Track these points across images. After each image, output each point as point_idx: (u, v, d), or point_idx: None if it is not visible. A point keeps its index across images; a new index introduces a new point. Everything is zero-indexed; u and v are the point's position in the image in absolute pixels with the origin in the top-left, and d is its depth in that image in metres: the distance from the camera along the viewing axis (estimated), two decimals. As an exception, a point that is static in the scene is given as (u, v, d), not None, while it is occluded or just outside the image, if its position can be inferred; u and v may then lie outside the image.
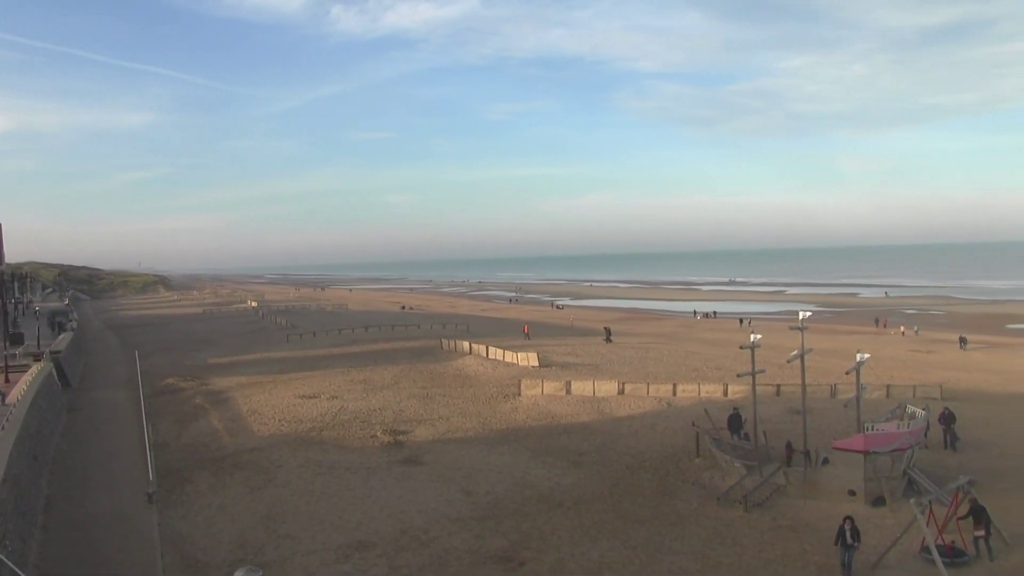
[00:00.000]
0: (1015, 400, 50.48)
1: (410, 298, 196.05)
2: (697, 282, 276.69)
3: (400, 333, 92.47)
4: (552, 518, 29.43)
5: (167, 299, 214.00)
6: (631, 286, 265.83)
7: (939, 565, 22.94)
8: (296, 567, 25.17)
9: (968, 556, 24.46)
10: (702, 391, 51.85)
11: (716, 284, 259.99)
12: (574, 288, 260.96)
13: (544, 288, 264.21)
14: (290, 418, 47.62)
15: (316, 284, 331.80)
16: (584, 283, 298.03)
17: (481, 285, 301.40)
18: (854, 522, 23.30)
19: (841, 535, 23.48)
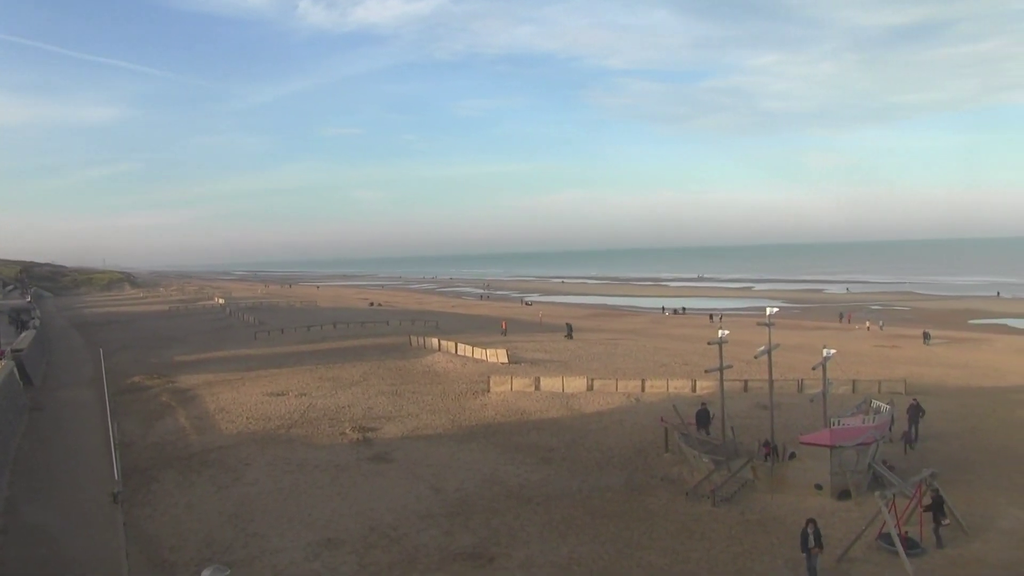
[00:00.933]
0: (976, 394, 51.29)
1: (379, 295, 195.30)
2: (666, 278, 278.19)
3: (369, 330, 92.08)
4: (521, 514, 29.46)
5: (133, 296, 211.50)
6: (600, 282, 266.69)
7: (902, 557, 23.31)
8: (265, 565, 25.00)
9: (921, 547, 24.81)
10: (670, 387, 52.10)
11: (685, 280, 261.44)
12: (544, 284, 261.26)
13: (514, 284, 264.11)
14: (258, 416, 47.26)
15: (285, 281, 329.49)
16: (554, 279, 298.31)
17: (451, 282, 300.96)
18: (816, 525, 23.01)
19: (804, 539, 23.15)
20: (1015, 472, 33.16)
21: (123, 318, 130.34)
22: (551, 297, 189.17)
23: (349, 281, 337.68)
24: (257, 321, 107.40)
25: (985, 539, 25.74)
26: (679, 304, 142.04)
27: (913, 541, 24.98)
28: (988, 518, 27.46)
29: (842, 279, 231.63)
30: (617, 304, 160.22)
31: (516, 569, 24.47)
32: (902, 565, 23.20)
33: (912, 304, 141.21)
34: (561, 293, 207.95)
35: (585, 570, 24.39)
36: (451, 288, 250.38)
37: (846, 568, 23.80)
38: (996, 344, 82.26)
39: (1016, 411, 45.59)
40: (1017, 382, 56.07)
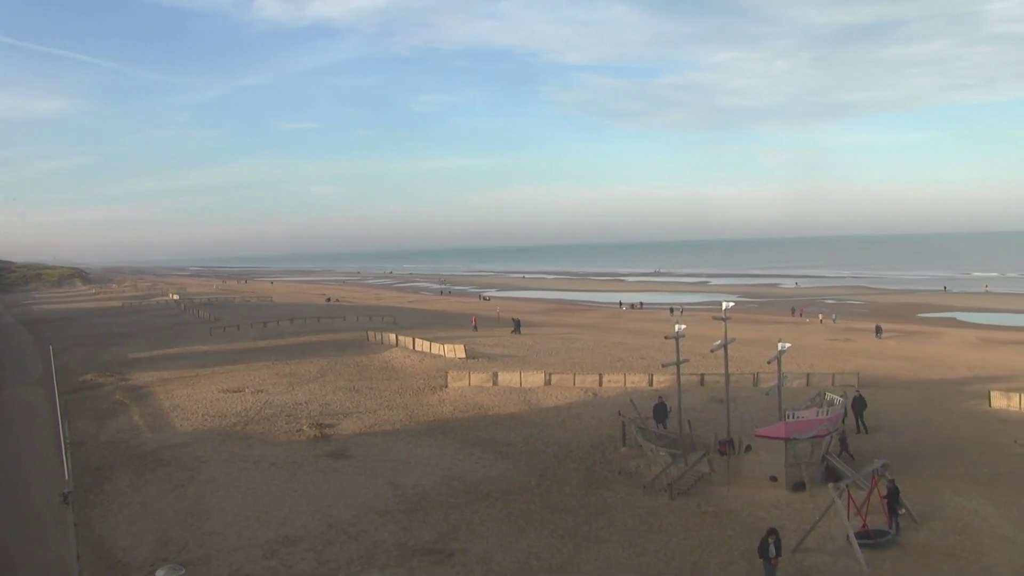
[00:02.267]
0: (926, 386, 52.39)
1: (336, 290, 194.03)
2: (623, 273, 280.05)
3: (326, 326, 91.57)
4: (480, 509, 29.52)
5: (84, 292, 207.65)
6: (558, 277, 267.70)
7: (855, 547, 23.75)
8: (221, 564, 24.78)
9: (890, 535, 25.32)
10: (628, 381, 52.50)
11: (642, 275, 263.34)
12: (501, 279, 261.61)
13: (471, 280, 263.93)
14: (214, 413, 46.79)
15: (240, 276, 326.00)
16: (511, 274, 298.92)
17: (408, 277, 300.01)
18: (778, 535, 22.90)
19: (764, 548, 22.84)
20: (961, 462, 33.98)
21: (74, 315, 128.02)
22: (509, 292, 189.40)
23: (306, 276, 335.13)
24: (212, 317, 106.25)
25: (932, 527, 26.32)
26: (636, 299, 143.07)
27: (882, 531, 25.43)
28: (935, 507, 28.08)
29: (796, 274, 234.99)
30: (574, 299, 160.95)
31: (475, 564, 24.53)
32: (855, 555, 23.65)
33: (864, 298, 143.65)
34: (519, 288, 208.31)
35: (544, 564, 24.52)
36: (409, 283, 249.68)
37: (801, 558, 24.18)
38: (945, 337, 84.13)
39: (963, 402, 46.66)
40: (964, 374, 57.40)
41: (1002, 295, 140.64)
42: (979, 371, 58.54)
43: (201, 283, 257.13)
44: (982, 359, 65.88)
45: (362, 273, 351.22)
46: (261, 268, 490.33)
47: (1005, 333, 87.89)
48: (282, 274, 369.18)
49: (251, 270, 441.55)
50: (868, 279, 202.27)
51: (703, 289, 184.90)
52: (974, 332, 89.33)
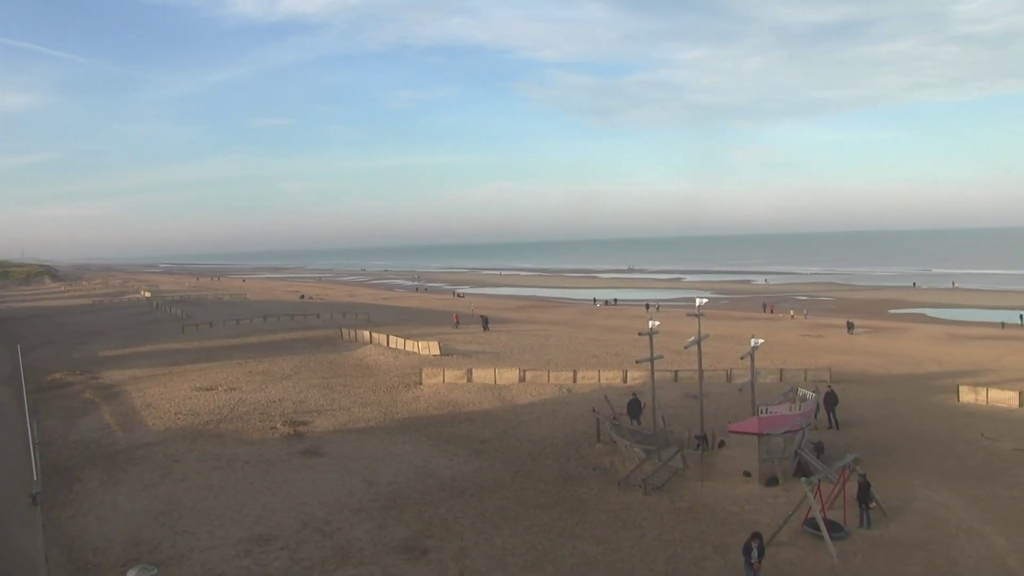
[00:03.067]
0: (896, 381, 52.99)
1: (310, 287, 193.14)
2: (597, 270, 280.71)
3: (299, 323, 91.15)
4: (455, 506, 29.53)
5: (53, 290, 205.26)
6: (532, 274, 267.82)
7: (827, 540, 24.04)
8: (194, 564, 24.61)
9: (845, 530, 25.60)
10: (602, 377, 52.68)
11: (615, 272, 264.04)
12: (475, 276, 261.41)
13: (445, 276, 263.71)
14: (186, 411, 46.44)
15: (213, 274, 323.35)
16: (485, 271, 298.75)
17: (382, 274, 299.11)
18: (762, 540, 22.78)
19: (747, 552, 22.60)
20: (929, 456, 34.42)
21: (43, 313, 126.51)
22: (483, 289, 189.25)
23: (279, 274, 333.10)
24: (185, 315, 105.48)
25: (902, 520, 26.66)
26: (610, 295, 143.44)
27: (837, 524, 25.74)
28: (905, 500, 28.45)
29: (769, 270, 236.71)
30: (549, 295, 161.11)
31: (449, 561, 24.53)
32: (827, 548, 23.92)
33: (836, 294, 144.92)
34: (493, 285, 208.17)
35: (519, 560, 24.57)
36: (382, 280, 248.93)
37: (773, 552, 24.37)
38: (914, 333, 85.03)
39: (931, 397, 47.23)
40: (933, 369, 58.09)
41: (969, 291, 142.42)
42: (947, 366, 59.27)
43: (173, 280, 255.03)
44: (950, 354, 66.67)
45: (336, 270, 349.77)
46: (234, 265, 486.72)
47: (972, 328, 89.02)
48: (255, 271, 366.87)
49: (224, 267, 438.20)
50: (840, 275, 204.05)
51: (676, 286, 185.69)
52: (943, 328, 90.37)
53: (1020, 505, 28.13)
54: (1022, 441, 36.48)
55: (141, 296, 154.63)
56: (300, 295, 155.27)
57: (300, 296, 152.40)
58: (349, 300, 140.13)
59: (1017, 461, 33.60)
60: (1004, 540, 24.85)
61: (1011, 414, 42.58)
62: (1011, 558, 23.61)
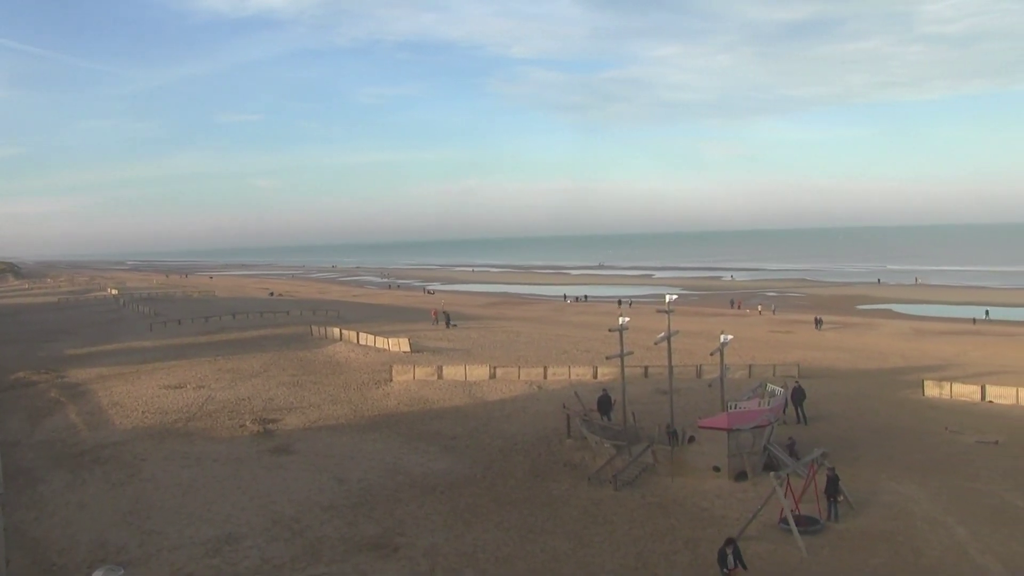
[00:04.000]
0: (863, 376, 53.62)
1: (280, 284, 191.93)
2: (567, 266, 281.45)
3: (269, 320, 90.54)
4: (425, 503, 29.52)
5: (17, 288, 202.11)
6: (502, 270, 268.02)
7: (795, 534, 24.30)
8: (162, 563, 24.42)
9: (820, 524, 25.91)
10: (572, 374, 52.83)
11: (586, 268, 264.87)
12: (445, 273, 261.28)
13: (416, 273, 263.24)
14: (154, 409, 46.02)
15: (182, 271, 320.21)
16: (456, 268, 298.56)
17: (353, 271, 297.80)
18: (736, 545, 22.45)
19: (722, 558, 22.22)
20: (896, 449, 34.90)
21: (6, 310, 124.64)
22: (454, 285, 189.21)
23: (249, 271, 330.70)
24: (153, 312, 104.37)
25: (868, 513, 27.03)
26: (580, 292, 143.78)
27: (813, 518, 26.02)
28: (872, 493, 28.84)
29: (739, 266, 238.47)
30: (519, 292, 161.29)
31: (421, 558, 24.53)
32: (795, 542, 24.18)
33: (805, 291, 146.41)
34: (463, 281, 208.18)
35: (490, 556, 24.62)
36: (354, 277, 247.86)
37: (743, 547, 24.52)
38: (881, 328, 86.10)
39: (898, 392, 47.87)
40: (899, 364, 58.84)
41: (933, 287, 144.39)
42: (913, 361, 60.05)
43: (141, 277, 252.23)
44: (916, 349, 67.59)
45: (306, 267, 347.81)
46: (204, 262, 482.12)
47: (937, 324, 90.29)
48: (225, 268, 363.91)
49: (193, 264, 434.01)
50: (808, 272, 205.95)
51: (646, 282, 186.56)
52: (909, 323, 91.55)
53: (981, 496, 28.66)
54: (984, 434, 37.10)
55: (108, 294, 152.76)
56: (270, 292, 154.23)
57: (270, 293, 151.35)
58: (320, 297, 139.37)
59: (979, 453, 34.21)
60: (965, 530, 25.29)
61: (974, 407, 43.29)
62: (971, 547, 24.05)
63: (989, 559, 23.22)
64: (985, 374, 51.98)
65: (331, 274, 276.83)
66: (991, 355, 63.75)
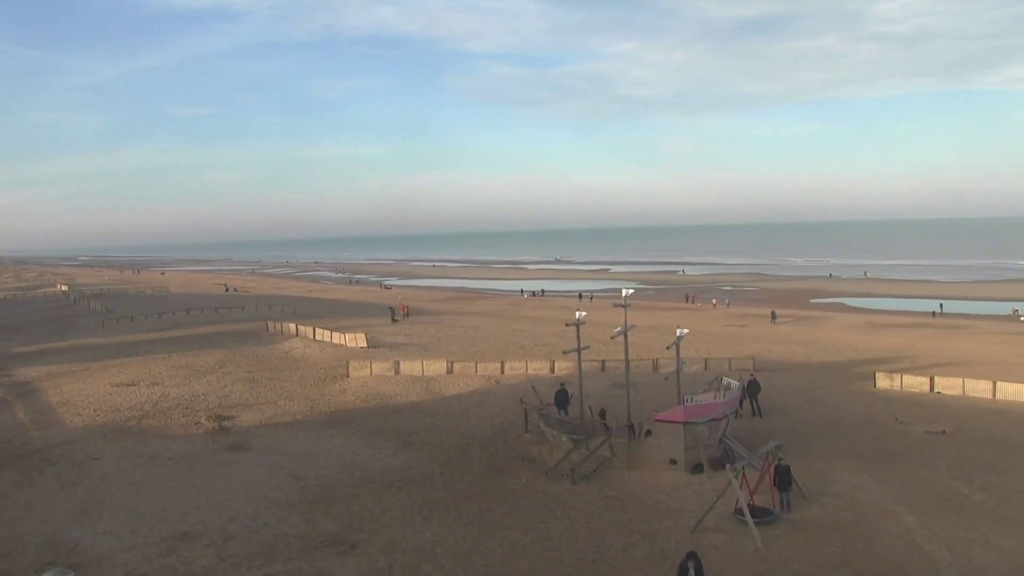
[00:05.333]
0: (817, 369, 54.49)
1: (235, 280, 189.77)
2: (524, 261, 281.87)
3: (224, 316, 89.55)
4: (383, 499, 29.44)
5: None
6: (460, 265, 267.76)
7: (751, 525, 24.64)
8: (115, 564, 24.04)
9: (774, 515, 26.29)
10: (530, 368, 52.99)
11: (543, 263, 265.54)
12: (403, 268, 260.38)
13: (373, 268, 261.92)
14: (107, 407, 45.29)
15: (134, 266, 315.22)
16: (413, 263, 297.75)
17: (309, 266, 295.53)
18: (698, 558, 21.33)
19: (683, 571, 21.03)
20: (848, 440, 35.54)
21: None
22: (411, 281, 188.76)
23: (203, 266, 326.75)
24: (104, 309, 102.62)
25: (821, 503, 27.48)
26: (537, 286, 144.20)
27: (767, 510, 26.39)
28: (824, 483, 29.31)
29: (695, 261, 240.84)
30: (476, 287, 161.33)
31: (379, 554, 24.46)
32: (750, 533, 24.52)
33: (759, 285, 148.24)
34: (421, 276, 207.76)
35: (448, 552, 24.62)
36: (309, 272, 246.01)
37: (699, 538, 24.89)
38: (834, 322, 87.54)
39: (850, 384, 48.72)
40: (852, 356, 59.87)
41: (883, 281, 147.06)
42: (865, 354, 61.15)
43: (92, 273, 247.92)
44: (868, 342, 68.82)
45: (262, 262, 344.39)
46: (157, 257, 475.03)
47: (888, 317, 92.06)
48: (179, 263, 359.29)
49: (146, 260, 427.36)
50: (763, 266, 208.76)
51: (603, 276, 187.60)
52: (861, 317, 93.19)
53: (929, 485, 29.35)
54: (932, 424, 37.93)
55: (58, 290, 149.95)
56: (225, 287, 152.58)
57: (225, 288, 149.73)
58: (275, 292, 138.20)
59: (927, 443, 34.97)
60: (914, 518, 25.86)
61: (923, 398, 44.24)
62: (919, 535, 24.61)
63: (936, 545, 23.77)
64: (933, 366, 53.21)
65: (286, 269, 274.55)
66: (939, 347, 65.15)
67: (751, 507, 25.62)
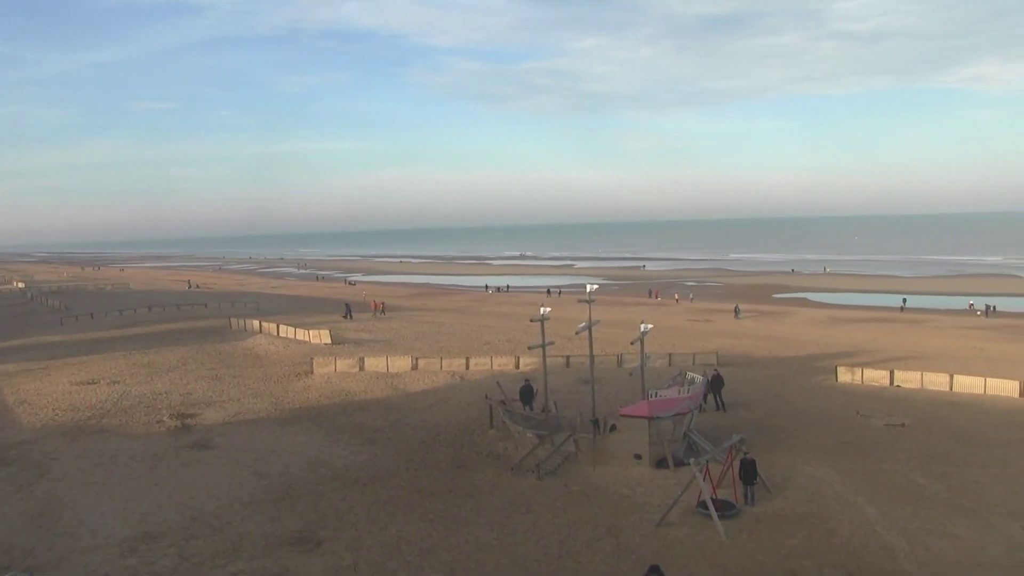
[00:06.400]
0: (780, 363, 55.03)
1: (198, 276, 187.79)
2: (489, 257, 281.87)
3: (187, 313, 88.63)
4: (348, 496, 29.31)
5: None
6: (424, 261, 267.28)
7: (715, 518, 24.86)
8: (74, 566, 23.67)
9: (737, 508, 26.55)
10: (495, 364, 53.03)
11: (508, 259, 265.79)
12: (367, 264, 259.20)
13: (337, 264, 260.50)
14: (66, 406, 44.61)
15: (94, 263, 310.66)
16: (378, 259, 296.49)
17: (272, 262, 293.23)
18: (661, 571, 20.34)
19: None
20: (810, 433, 35.98)
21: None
22: (376, 276, 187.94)
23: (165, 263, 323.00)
24: (63, 306, 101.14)
25: (785, 496, 27.79)
26: (502, 282, 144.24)
27: (729, 503, 26.63)
28: (787, 476, 29.65)
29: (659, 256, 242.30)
30: (441, 283, 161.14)
31: (344, 551, 24.35)
32: (715, 527, 24.74)
33: (723, 280, 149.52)
34: (385, 272, 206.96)
35: (414, 548, 24.56)
36: (273, 269, 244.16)
37: (664, 532, 25.06)
38: (796, 316, 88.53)
39: (813, 378, 49.28)
40: (814, 351, 60.55)
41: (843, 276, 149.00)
42: (827, 348, 61.90)
43: (50, 270, 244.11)
44: (829, 336, 69.67)
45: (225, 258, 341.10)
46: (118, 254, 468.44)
47: (849, 312, 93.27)
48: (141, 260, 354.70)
49: (106, 256, 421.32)
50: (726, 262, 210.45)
51: (568, 272, 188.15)
52: (823, 311, 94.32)
53: (889, 477, 29.80)
54: (893, 417, 38.54)
55: (14, 287, 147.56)
56: (188, 284, 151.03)
57: (188, 285, 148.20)
58: (238, 289, 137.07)
59: (887, 436, 35.56)
60: (874, 510, 26.26)
61: (883, 392, 44.90)
62: (879, 525, 24.97)
63: (895, 536, 24.15)
64: (894, 360, 54.00)
65: (250, 266, 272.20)
66: (899, 342, 66.16)
67: (714, 501, 25.86)
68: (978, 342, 66.03)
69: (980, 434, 35.74)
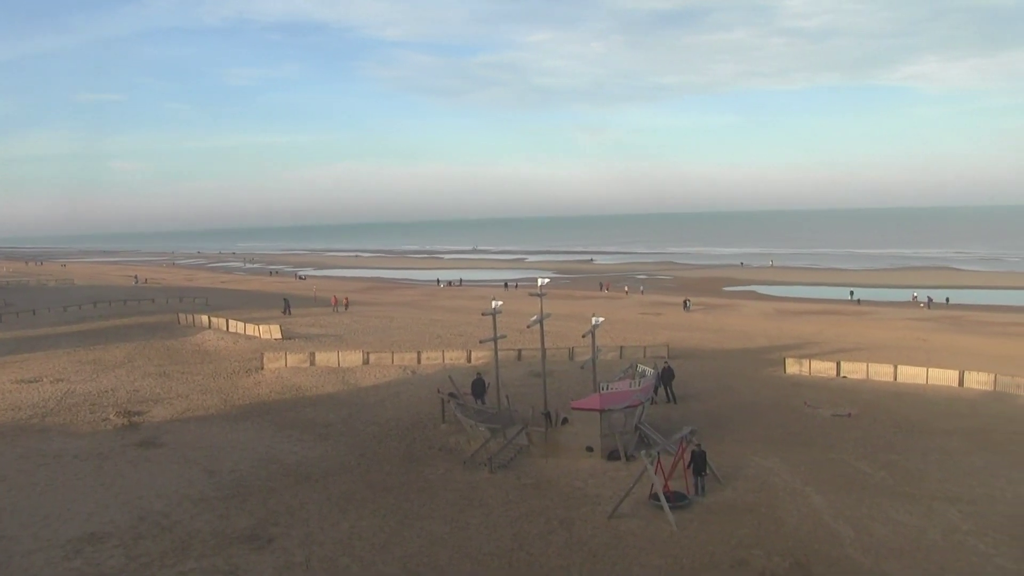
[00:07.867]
0: (729, 355, 55.68)
1: (145, 271, 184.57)
2: (440, 251, 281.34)
3: (133, 308, 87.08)
4: (300, 492, 29.08)
5: None
6: (375, 255, 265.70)
7: (666, 510, 25.12)
8: (15, 570, 23.12)
9: (688, 499, 26.85)
10: (446, 358, 52.95)
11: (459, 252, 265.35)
12: (317, 258, 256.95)
13: (287, 259, 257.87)
14: (6, 406, 43.57)
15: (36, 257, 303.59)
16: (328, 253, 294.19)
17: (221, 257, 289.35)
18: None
19: None
20: (759, 424, 36.56)
21: None
22: (325, 271, 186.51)
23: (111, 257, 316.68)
24: (3, 302, 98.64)
25: (734, 486, 28.20)
26: (454, 276, 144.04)
27: (680, 494, 26.92)
28: (737, 467, 30.08)
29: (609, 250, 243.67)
30: (392, 277, 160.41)
31: (296, 548, 24.16)
32: (666, 517, 24.99)
33: (673, 273, 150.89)
34: (335, 267, 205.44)
35: (366, 543, 24.46)
36: (222, 263, 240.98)
37: (616, 524, 25.26)
38: (745, 309, 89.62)
39: (762, 369, 49.97)
40: (763, 343, 61.39)
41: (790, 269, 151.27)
42: (775, 340, 62.81)
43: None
44: (778, 329, 70.65)
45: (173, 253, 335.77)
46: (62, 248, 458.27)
47: (797, 304, 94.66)
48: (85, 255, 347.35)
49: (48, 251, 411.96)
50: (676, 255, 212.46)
51: (519, 266, 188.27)
52: (771, 304, 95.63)
53: (835, 466, 30.45)
54: (839, 407, 39.31)
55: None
56: (135, 279, 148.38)
57: (135, 280, 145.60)
58: (187, 284, 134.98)
59: (834, 426, 36.29)
60: (821, 498, 26.81)
61: (830, 383, 45.71)
62: (826, 514, 25.53)
63: (841, 524, 24.67)
64: (840, 351, 54.99)
65: (198, 260, 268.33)
66: (846, 333, 67.33)
67: (666, 492, 26.11)
68: (921, 333, 67.48)
69: (922, 423, 36.61)
